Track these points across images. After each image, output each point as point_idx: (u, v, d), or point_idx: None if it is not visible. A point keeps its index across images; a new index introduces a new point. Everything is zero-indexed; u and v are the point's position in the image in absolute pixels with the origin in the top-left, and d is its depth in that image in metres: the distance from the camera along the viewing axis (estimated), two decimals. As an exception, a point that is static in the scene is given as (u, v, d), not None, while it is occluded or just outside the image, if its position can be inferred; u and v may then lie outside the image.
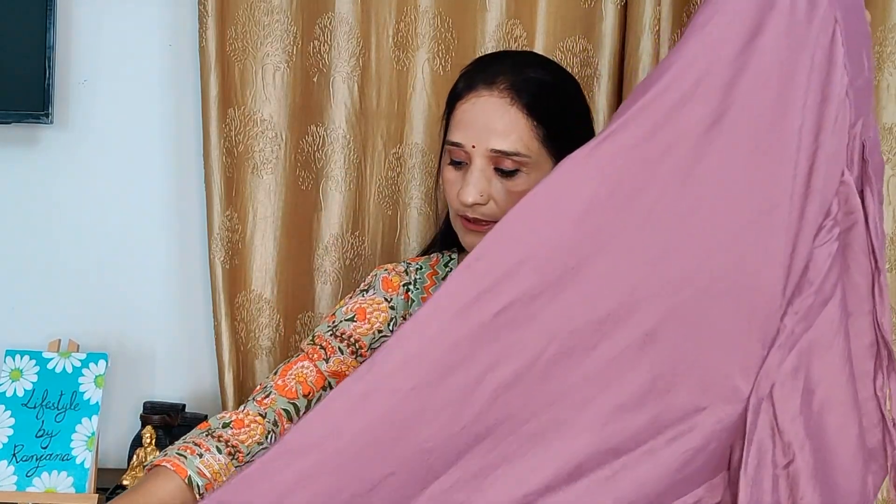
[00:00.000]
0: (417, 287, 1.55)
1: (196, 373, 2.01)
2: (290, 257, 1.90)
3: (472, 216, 1.42)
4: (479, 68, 1.47)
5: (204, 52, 1.83)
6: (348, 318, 1.53)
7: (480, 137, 1.40)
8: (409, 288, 1.55)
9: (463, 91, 1.44)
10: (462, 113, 1.43)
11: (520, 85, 1.41)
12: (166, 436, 1.88)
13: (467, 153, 1.41)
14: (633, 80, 1.81)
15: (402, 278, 1.57)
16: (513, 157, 1.39)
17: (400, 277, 1.57)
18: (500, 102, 1.40)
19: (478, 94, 1.42)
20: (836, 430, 1.08)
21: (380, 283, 1.57)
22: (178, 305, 2.02)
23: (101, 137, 1.99)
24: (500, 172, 1.41)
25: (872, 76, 1.13)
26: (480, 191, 1.40)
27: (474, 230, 1.43)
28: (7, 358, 1.82)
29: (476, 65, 1.50)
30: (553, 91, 1.45)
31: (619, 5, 1.84)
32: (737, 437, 1.05)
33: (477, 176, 1.40)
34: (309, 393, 1.47)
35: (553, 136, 1.41)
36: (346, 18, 1.86)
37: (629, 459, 1.03)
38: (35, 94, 1.88)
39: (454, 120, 1.44)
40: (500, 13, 1.85)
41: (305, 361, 1.51)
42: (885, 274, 1.09)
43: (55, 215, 2.00)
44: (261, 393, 1.48)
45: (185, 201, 1.98)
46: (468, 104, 1.42)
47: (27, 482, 1.74)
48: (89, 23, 1.97)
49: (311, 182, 1.90)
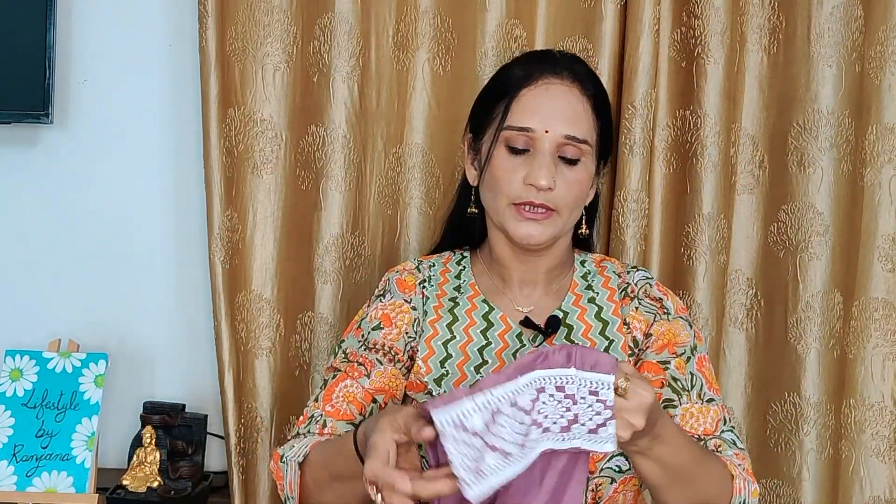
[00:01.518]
0: (432, 284, 1.53)
1: (196, 373, 2.01)
2: (290, 257, 1.90)
3: (538, 202, 1.40)
4: (535, 59, 1.48)
5: (204, 52, 1.83)
6: (375, 328, 1.49)
7: (555, 123, 1.39)
8: (424, 286, 1.52)
9: (528, 77, 1.42)
10: (532, 98, 1.41)
11: (584, 78, 1.44)
12: (166, 436, 1.88)
13: (535, 139, 1.40)
14: (633, 80, 1.81)
15: (416, 276, 1.53)
16: (581, 145, 1.40)
17: (413, 276, 1.53)
18: (573, 91, 1.42)
19: (547, 80, 1.41)
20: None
21: (394, 286, 1.53)
22: (178, 305, 2.02)
23: (101, 137, 1.99)
24: (563, 161, 1.41)
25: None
26: (553, 175, 1.39)
27: (531, 219, 1.41)
28: (7, 358, 1.82)
29: (529, 56, 1.51)
30: (604, 92, 1.49)
31: (619, 5, 1.84)
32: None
33: (549, 160, 1.39)
34: (361, 409, 1.43)
35: (601, 132, 1.45)
36: (346, 18, 1.86)
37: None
38: (35, 94, 1.88)
39: (520, 105, 1.41)
40: (500, 13, 1.85)
41: (348, 380, 1.44)
42: None
43: (55, 215, 2.00)
44: (314, 424, 1.43)
45: (185, 201, 1.98)
46: (539, 89, 1.41)
47: (27, 482, 1.74)
48: (89, 23, 1.97)
49: (311, 182, 1.90)
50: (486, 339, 1.46)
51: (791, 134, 1.85)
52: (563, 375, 1.15)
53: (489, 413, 1.12)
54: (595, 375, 1.14)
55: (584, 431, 1.14)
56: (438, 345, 1.46)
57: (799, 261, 1.85)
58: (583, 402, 1.14)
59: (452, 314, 1.49)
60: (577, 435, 1.14)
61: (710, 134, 1.82)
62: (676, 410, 1.40)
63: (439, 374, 1.44)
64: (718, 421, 1.41)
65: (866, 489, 1.85)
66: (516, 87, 1.42)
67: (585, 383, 1.14)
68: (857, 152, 1.83)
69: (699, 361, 1.45)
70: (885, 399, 1.85)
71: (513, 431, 1.13)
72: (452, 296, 1.51)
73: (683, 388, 1.42)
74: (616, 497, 1.42)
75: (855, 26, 1.82)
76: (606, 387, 1.14)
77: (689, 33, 1.83)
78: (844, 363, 1.86)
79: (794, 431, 1.86)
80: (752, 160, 1.89)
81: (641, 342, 1.47)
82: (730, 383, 1.92)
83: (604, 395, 1.14)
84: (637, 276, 1.52)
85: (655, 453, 1.22)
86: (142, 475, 1.84)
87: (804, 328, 1.84)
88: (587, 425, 1.14)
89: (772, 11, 1.86)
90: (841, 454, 1.86)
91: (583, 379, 1.14)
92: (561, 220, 1.43)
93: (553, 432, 1.15)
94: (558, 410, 1.14)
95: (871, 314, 1.83)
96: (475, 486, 1.12)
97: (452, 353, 1.45)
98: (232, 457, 1.87)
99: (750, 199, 1.90)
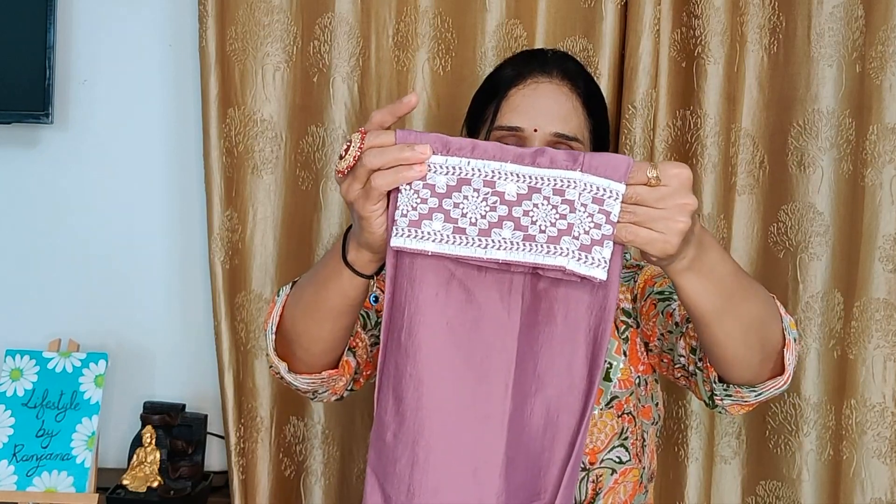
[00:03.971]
0: None
1: (196, 373, 2.01)
2: (290, 257, 1.90)
3: None
4: (524, 59, 1.47)
5: (204, 52, 1.83)
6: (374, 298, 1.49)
7: (543, 121, 1.39)
8: None
9: (517, 77, 1.42)
10: (521, 97, 1.41)
11: (575, 76, 1.43)
12: (166, 436, 1.88)
13: (525, 138, 1.39)
14: (633, 80, 1.81)
15: None
16: (571, 143, 1.40)
17: None
18: (561, 89, 1.41)
19: (536, 80, 1.41)
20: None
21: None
22: (178, 305, 2.02)
23: (101, 137, 1.99)
24: None
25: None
26: None
27: None
28: (7, 358, 1.82)
29: (520, 56, 1.50)
30: (597, 89, 1.48)
31: (619, 5, 1.83)
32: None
33: None
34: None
35: (594, 131, 1.44)
36: (346, 18, 1.85)
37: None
38: (35, 94, 1.88)
39: (509, 105, 1.41)
40: (500, 13, 1.85)
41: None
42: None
43: (55, 215, 2.00)
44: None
45: (185, 201, 1.98)
46: (527, 89, 1.41)
47: (27, 482, 1.74)
48: (89, 23, 1.97)
49: (311, 182, 1.90)
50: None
51: (791, 134, 1.85)
52: (565, 178, 1.01)
53: (455, 179, 1.03)
54: (603, 181, 1.00)
55: (576, 247, 1.00)
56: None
57: (799, 261, 1.85)
58: (582, 209, 1.01)
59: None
60: (565, 250, 1.01)
61: (710, 134, 1.81)
62: (673, 305, 1.35)
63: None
64: None
65: (867, 491, 1.85)
66: (506, 87, 1.42)
67: (591, 188, 1.00)
68: (857, 152, 1.83)
69: None
70: (886, 400, 1.84)
71: (475, 211, 1.02)
72: None
73: (671, 292, 1.38)
74: (616, 488, 1.41)
75: (855, 26, 1.81)
76: (615, 196, 1.00)
77: (689, 33, 1.83)
78: (845, 364, 1.85)
79: (794, 433, 1.86)
80: (752, 160, 1.88)
81: (631, 309, 1.46)
82: (730, 384, 1.92)
83: (609, 206, 1.00)
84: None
85: (706, 262, 1.09)
86: (142, 475, 1.84)
87: (804, 329, 1.84)
88: (581, 239, 1.01)
89: (772, 11, 1.86)
90: (841, 455, 1.86)
91: (588, 183, 1.00)
92: None
93: (538, 243, 1.01)
94: (550, 216, 1.01)
95: (872, 315, 1.83)
96: (404, 236, 1.03)
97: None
98: (232, 457, 1.87)
99: (750, 199, 1.89)
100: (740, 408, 1.27)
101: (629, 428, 1.41)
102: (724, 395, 1.25)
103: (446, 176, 1.03)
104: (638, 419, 1.43)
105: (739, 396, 1.24)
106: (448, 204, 1.03)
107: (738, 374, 1.21)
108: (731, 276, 1.13)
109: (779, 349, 1.22)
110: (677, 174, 1.02)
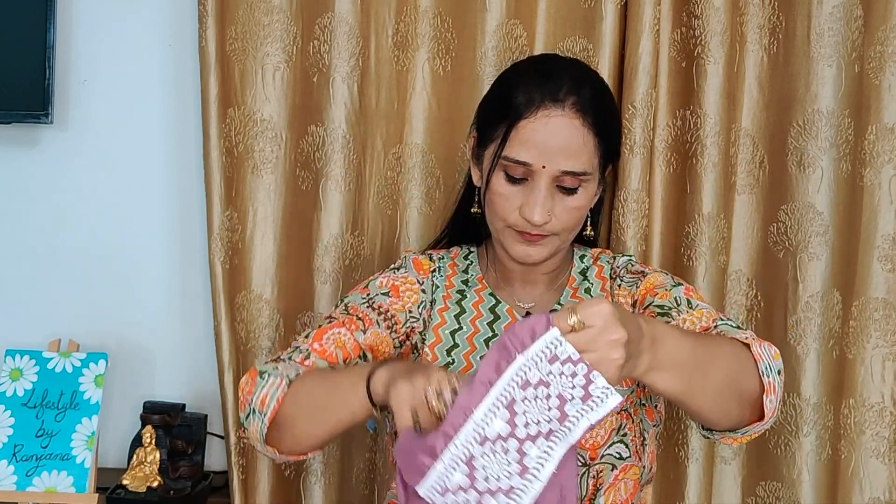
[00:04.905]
0: (441, 274, 1.54)
1: (196, 373, 2.01)
2: (290, 257, 1.90)
3: (535, 232, 1.41)
4: (536, 81, 1.40)
5: (204, 52, 1.83)
6: (384, 293, 1.50)
7: (552, 158, 1.37)
8: (435, 274, 1.54)
9: (527, 107, 1.38)
10: (531, 131, 1.37)
11: (586, 102, 1.39)
12: (166, 436, 1.88)
13: (533, 171, 1.38)
14: (633, 80, 1.81)
15: (431, 263, 1.55)
16: (580, 177, 1.39)
17: (429, 262, 1.55)
18: (573, 123, 1.37)
19: (547, 112, 1.37)
20: None
21: (411, 263, 1.54)
22: (178, 305, 2.02)
23: (101, 137, 1.99)
24: (561, 190, 1.40)
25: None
26: (549, 210, 1.39)
27: (530, 241, 1.42)
28: (7, 358, 1.82)
29: (533, 72, 1.44)
30: (610, 107, 1.46)
31: (619, 5, 1.83)
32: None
33: (545, 195, 1.38)
34: (347, 358, 1.39)
35: (607, 151, 1.43)
36: (346, 18, 1.86)
37: None
38: (35, 94, 1.88)
39: (519, 137, 1.38)
40: (500, 13, 1.85)
41: (342, 329, 1.41)
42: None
43: (55, 215, 2.00)
44: (297, 353, 1.38)
45: (185, 201, 1.98)
46: (538, 123, 1.37)
47: (27, 482, 1.74)
48: (89, 23, 1.97)
49: (311, 182, 1.90)
50: (493, 331, 1.48)
51: (791, 134, 1.85)
52: (517, 370, 1.03)
53: (464, 463, 1.05)
54: (539, 342, 1.03)
55: (579, 405, 1.02)
56: (446, 334, 1.48)
57: (799, 261, 1.85)
58: (553, 376, 1.02)
59: (460, 305, 1.51)
60: (576, 415, 1.02)
61: (710, 134, 1.81)
62: (671, 324, 1.36)
63: (446, 363, 1.46)
64: (714, 318, 1.38)
65: (866, 490, 1.85)
66: (516, 114, 1.38)
67: (540, 357, 1.03)
68: (856, 152, 1.83)
69: (686, 290, 1.45)
70: (885, 400, 1.85)
71: (500, 471, 1.04)
72: (460, 288, 1.53)
73: (671, 307, 1.40)
74: (617, 484, 1.42)
75: (855, 26, 1.82)
76: (558, 343, 1.03)
77: (689, 33, 1.83)
78: (844, 364, 1.86)
79: (795, 433, 1.86)
80: (752, 160, 1.89)
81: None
82: (730, 383, 1.92)
83: (563, 352, 1.02)
84: (622, 259, 1.55)
85: (663, 357, 1.14)
86: (142, 475, 1.84)
87: (804, 328, 1.84)
88: (576, 396, 1.02)
89: (772, 11, 1.86)
90: (840, 455, 1.86)
91: (533, 357, 1.03)
92: (559, 240, 1.45)
93: (557, 431, 1.03)
94: (541, 405, 1.03)
95: (871, 314, 1.83)
96: (434, 490, 1.05)
97: (459, 343, 1.47)
98: (232, 456, 1.87)
99: (750, 199, 1.89)
100: (732, 440, 1.33)
101: (626, 424, 1.42)
102: (711, 436, 1.34)
103: (458, 468, 1.05)
104: (636, 417, 1.43)
105: (725, 438, 1.32)
106: (480, 484, 1.04)
107: (719, 426, 1.29)
108: (692, 355, 1.18)
109: (757, 396, 1.27)
110: (597, 312, 1.04)
